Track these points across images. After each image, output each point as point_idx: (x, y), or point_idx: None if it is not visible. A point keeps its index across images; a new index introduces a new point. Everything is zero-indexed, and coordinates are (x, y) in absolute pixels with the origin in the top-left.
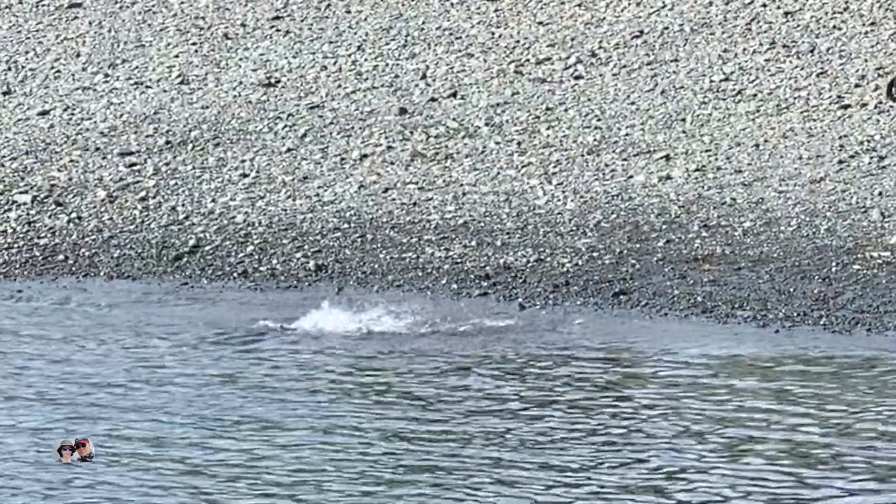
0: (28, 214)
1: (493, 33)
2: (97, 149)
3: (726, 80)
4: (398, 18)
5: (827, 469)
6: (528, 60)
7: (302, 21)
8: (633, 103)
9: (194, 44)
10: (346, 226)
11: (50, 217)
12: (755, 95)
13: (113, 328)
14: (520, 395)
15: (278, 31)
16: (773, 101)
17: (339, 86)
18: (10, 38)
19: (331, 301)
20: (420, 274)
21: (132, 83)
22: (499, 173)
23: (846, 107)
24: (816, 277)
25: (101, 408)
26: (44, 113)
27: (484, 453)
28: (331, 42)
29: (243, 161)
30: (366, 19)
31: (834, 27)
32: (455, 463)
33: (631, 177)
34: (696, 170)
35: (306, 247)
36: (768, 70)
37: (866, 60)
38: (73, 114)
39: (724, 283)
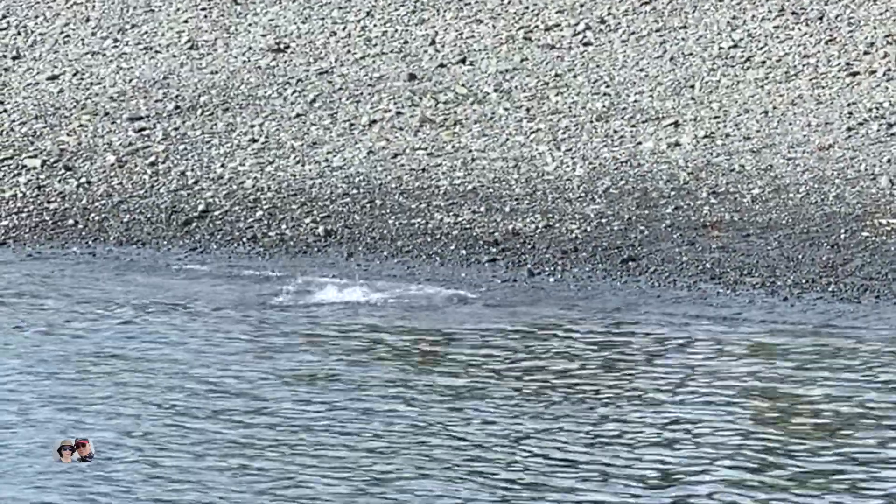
0: (38, 179)
1: (502, 0)
2: (107, 113)
3: (735, 46)
4: None
5: (837, 437)
6: (536, 27)
7: None
8: (641, 70)
9: (203, 9)
10: (355, 191)
11: (60, 182)
12: (764, 62)
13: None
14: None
15: None
16: (782, 68)
17: (349, 51)
18: (20, 2)
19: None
20: (429, 240)
21: (141, 48)
22: (507, 139)
23: (855, 74)
24: (825, 244)
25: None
26: (53, 77)
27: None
28: (340, 7)
29: (252, 126)
30: None
31: None
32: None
33: (640, 143)
34: (705, 136)
35: (315, 212)
36: (777, 37)
37: (875, 28)
38: (82, 78)
39: (733, 250)
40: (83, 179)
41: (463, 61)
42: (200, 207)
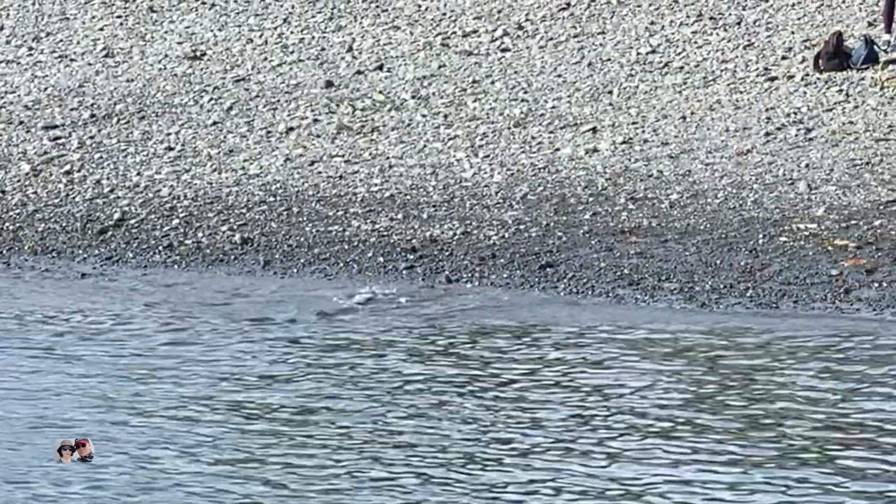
0: None
1: (419, 6)
2: (21, 122)
3: (653, 52)
4: None
5: (745, 443)
6: (454, 33)
7: None
8: (559, 76)
9: (119, 16)
10: (272, 199)
11: None
12: (682, 68)
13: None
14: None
15: (204, 3)
16: (700, 73)
17: (265, 59)
18: None
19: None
20: (346, 247)
21: (56, 56)
22: (425, 146)
23: (773, 79)
24: (743, 250)
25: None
26: None
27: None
28: (257, 15)
29: (168, 134)
30: None
31: None
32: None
33: (558, 149)
34: (623, 142)
35: (232, 220)
36: (695, 42)
37: (793, 32)
38: None
39: (651, 256)
40: None
41: (380, 68)
42: (116, 216)
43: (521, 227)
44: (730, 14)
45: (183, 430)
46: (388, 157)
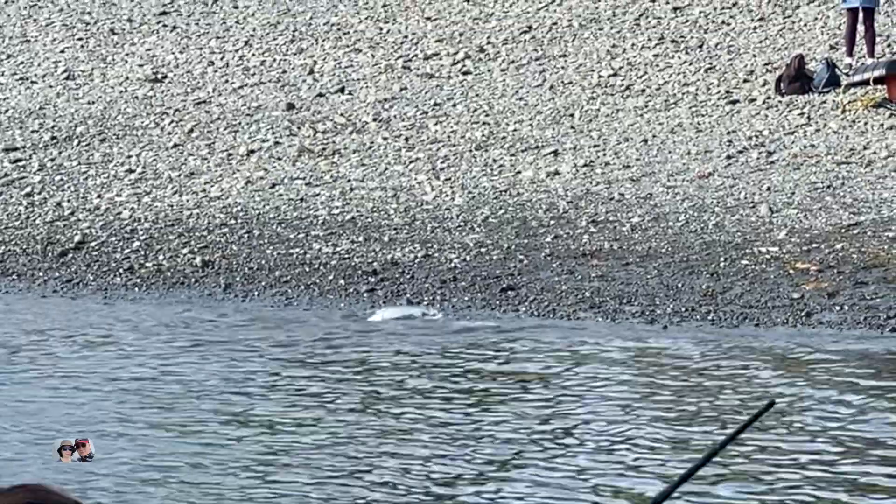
0: None
1: (381, 29)
2: None
3: (615, 75)
4: (286, 14)
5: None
6: (416, 56)
7: (189, 16)
8: (521, 99)
9: (80, 39)
10: (232, 221)
11: None
12: (643, 91)
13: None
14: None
15: (165, 26)
16: (662, 96)
17: (226, 81)
18: None
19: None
20: (307, 270)
21: (17, 78)
22: (386, 169)
23: (734, 102)
24: (704, 273)
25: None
26: None
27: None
28: (218, 37)
29: (129, 157)
30: (253, 14)
31: (722, 23)
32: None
33: (519, 172)
34: (585, 165)
35: (193, 243)
36: (657, 65)
37: (755, 56)
38: None
39: (613, 279)
40: None
41: (342, 91)
42: (77, 238)
43: (483, 249)
44: (691, 37)
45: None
46: (349, 180)
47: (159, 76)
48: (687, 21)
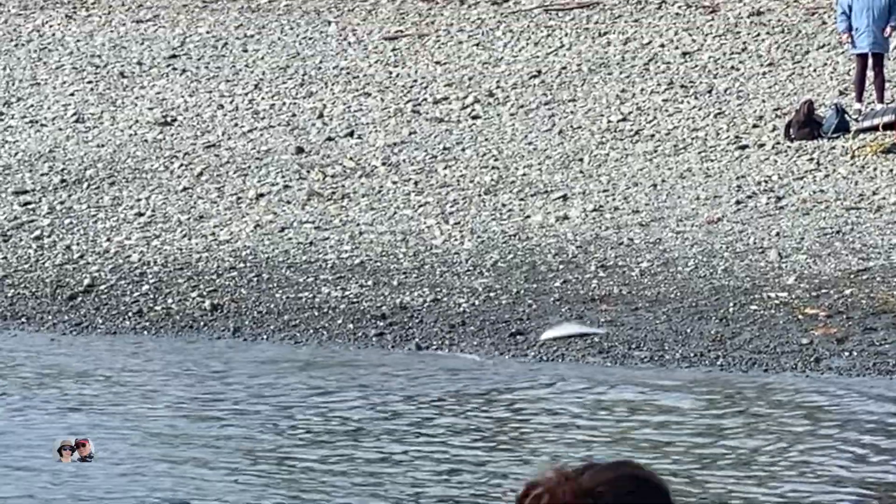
0: None
1: (390, 72)
2: None
3: (624, 120)
4: (295, 57)
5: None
6: (425, 100)
7: (198, 60)
8: (530, 143)
9: (90, 82)
10: (242, 265)
11: None
12: (653, 135)
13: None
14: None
15: (175, 69)
16: (671, 141)
17: (236, 125)
18: None
19: None
20: (316, 314)
21: (27, 121)
22: (395, 213)
23: (744, 147)
24: (713, 318)
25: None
26: None
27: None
28: (227, 81)
29: (139, 200)
30: (262, 58)
31: (732, 68)
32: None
33: (528, 217)
34: (594, 210)
35: (202, 286)
36: (666, 110)
37: (764, 101)
38: None
39: (622, 324)
40: None
41: (351, 134)
42: (86, 282)
43: (492, 294)
44: (701, 82)
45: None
46: (358, 224)
47: (169, 119)
48: (696, 66)
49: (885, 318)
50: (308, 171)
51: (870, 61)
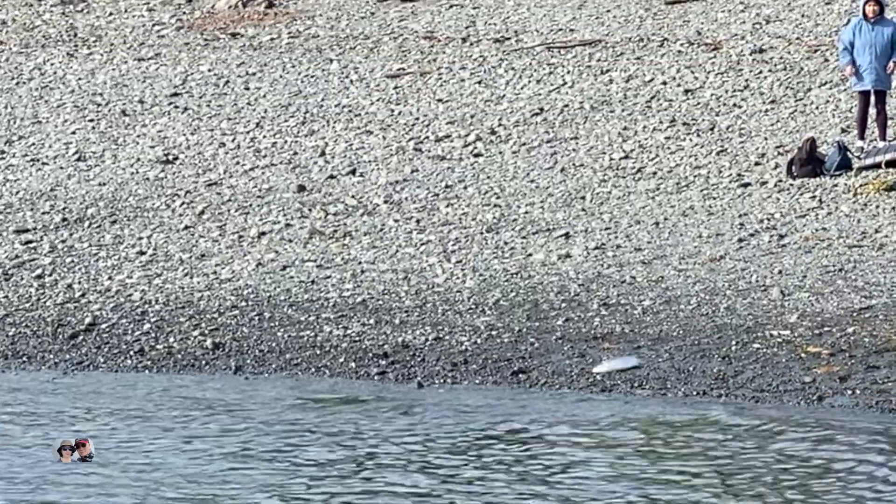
0: None
1: (392, 110)
2: None
3: (626, 157)
4: (297, 95)
5: None
6: (427, 137)
7: (200, 98)
8: (532, 181)
9: (91, 120)
10: (243, 304)
11: None
12: (655, 173)
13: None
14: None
15: (176, 107)
16: (673, 178)
17: (238, 163)
18: None
19: None
20: (318, 352)
21: (28, 160)
22: (397, 251)
23: (746, 185)
24: (716, 356)
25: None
26: None
27: None
28: (229, 119)
29: (140, 238)
30: (264, 96)
31: (734, 105)
32: None
33: (530, 255)
34: (596, 248)
35: (203, 325)
36: (668, 148)
37: (766, 138)
38: None
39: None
40: None
41: (353, 172)
42: (87, 320)
43: (494, 332)
44: (703, 120)
45: None
46: (360, 262)
47: (170, 157)
48: (698, 104)
49: (888, 356)
50: (310, 210)
51: (872, 98)
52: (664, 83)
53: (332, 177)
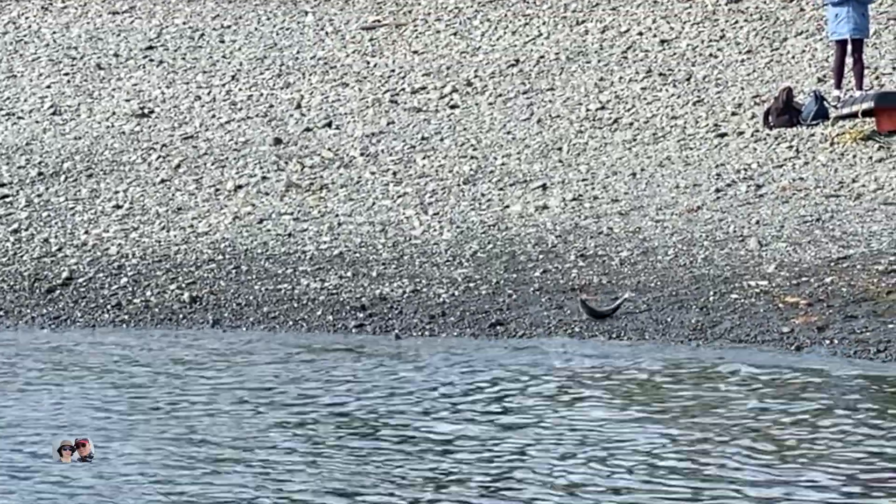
0: None
1: (368, 63)
2: None
3: (602, 108)
4: (272, 48)
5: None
6: (403, 90)
7: (175, 51)
8: (509, 132)
9: (67, 74)
10: (220, 257)
11: None
12: (631, 124)
13: None
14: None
15: (151, 60)
16: (650, 129)
17: (214, 116)
18: None
19: None
20: (295, 305)
21: (3, 114)
22: (374, 203)
23: (723, 135)
24: (694, 307)
25: None
26: None
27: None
28: (204, 72)
29: (116, 192)
30: (240, 49)
31: (710, 55)
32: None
33: (507, 206)
34: (573, 199)
35: (180, 279)
36: (644, 98)
37: (742, 89)
38: None
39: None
40: None
41: (329, 125)
42: (64, 275)
43: (471, 284)
44: (679, 70)
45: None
46: (337, 215)
47: (146, 111)
48: (675, 54)
49: (866, 305)
50: (286, 163)
51: (849, 47)
52: (640, 34)
53: (308, 129)
